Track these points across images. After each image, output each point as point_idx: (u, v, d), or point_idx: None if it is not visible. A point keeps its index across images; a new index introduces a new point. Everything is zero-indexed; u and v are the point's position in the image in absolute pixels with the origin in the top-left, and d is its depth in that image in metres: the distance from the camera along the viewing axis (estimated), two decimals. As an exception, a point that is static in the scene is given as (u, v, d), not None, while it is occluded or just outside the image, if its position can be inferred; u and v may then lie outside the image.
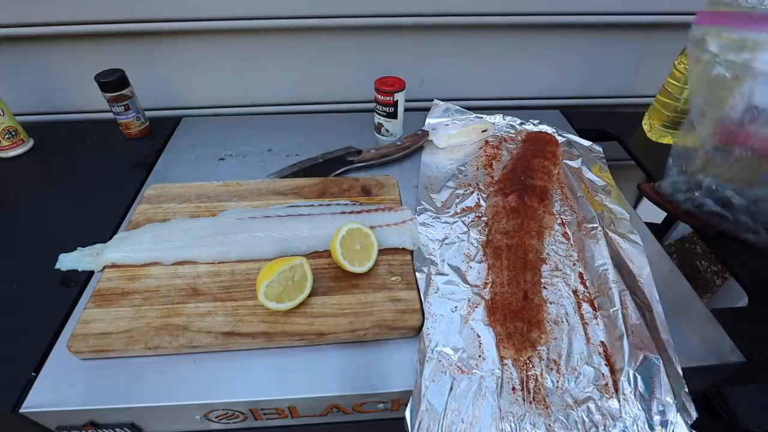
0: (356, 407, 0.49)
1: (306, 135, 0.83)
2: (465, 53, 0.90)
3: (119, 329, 0.48)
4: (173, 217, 0.62)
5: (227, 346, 0.48)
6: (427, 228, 0.62)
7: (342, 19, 0.81)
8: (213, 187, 0.68)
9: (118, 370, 0.47)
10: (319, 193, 0.67)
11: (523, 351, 0.48)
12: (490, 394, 0.44)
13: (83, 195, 0.69)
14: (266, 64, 0.88)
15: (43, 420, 0.46)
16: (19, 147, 0.77)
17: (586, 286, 0.55)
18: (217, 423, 0.49)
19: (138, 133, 0.82)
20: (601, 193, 0.68)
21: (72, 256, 0.57)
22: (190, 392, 0.46)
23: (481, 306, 0.52)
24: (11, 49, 0.81)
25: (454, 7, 0.82)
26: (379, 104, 0.77)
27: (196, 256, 0.56)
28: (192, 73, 0.88)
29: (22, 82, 0.86)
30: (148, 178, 0.73)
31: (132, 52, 0.83)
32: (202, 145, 0.80)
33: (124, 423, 0.47)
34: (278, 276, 0.50)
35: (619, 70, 0.96)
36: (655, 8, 0.85)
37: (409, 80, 0.76)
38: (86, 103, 0.89)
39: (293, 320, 0.50)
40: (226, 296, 0.52)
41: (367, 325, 0.50)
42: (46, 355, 0.48)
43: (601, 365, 0.47)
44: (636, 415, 0.43)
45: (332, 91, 0.94)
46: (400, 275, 0.55)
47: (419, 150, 0.78)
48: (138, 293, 0.52)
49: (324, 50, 0.86)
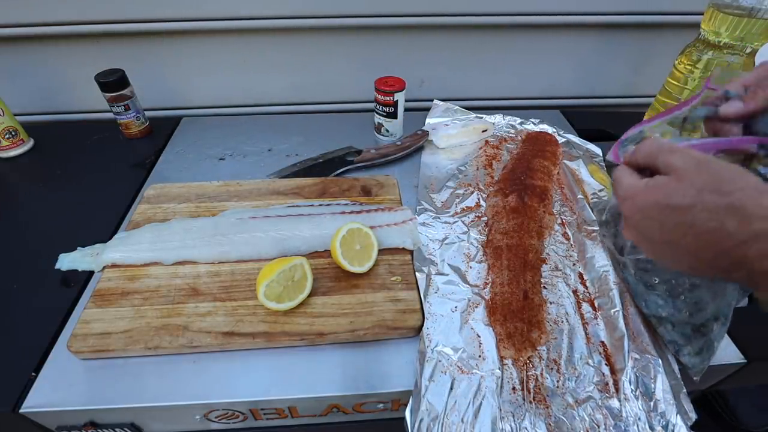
0: (356, 407, 0.49)
1: (306, 135, 0.83)
2: (465, 53, 0.90)
3: (119, 329, 0.48)
4: (173, 217, 0.62)
5: (227, 346, 0.48)
6: (427, 228, 0.62)
7: (342, 19, 0.81)
8: (213, 187, 0.68)
9: (118, 370, 0.47)
10: (319, 193, 0.67)
11: (523, 351, 0.48)
12: (490, 394, 0.44)
13: (83, 195, 0.69)
14: (266, 64, 0.88)
15: (43, 420, 0.46)
16: (19, 147, 0.77)
17: (586, 286, 0.55)
18: (217, 423, 0.49)
19: (138, 133, 0.82)
20: (598, 194, 0.68)
21: (72, 256, 0.57)
22: (190, 392, 0.46)
23: (481, 306, 0.52)
24: (11, 49, 0.81)
25: (455, 8, 0.82)
26: (379, 104, 0.77)
27: (196, 256, 0.56)
28: (192, 73, 0.88)
29: (22, 82, 0.86)
30: (148, 178, 0.73)
31: (132, 52, 0.83)
32: (202, 145, 0.80)
33: (124, 423, 0.47)
34: (278, 276, 0.50)
35: (619, 70, 0.96)
36: (655, 8, 0.85)
37: (409, 80, 0.76)
38: (86, 103, 0.89)
39: (293, 320, 0.50)
40: (226, 296, 0.52)
41: (367, 325, 0.50)
42: (46, 355, 0.48)
43: (601, 365, 0.47)
44: (636, 415, 0.43)
45: (332, 91, 0.94)
46: (400, 275, 0.55)
47: (419, 150, 0.78)
48: (138, 293, 0.52)
49: (324, 50, 0.86)
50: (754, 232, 0.30)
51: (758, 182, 0.31)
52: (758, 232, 0.30)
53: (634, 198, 0.36)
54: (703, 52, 0.65)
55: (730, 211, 0.31)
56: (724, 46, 0.62)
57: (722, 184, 0.31)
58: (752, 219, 0.30)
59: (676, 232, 0.33)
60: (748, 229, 0.30)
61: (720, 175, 0.32)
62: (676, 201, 0.33)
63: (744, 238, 0.30)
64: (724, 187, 0.31)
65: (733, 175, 0.32)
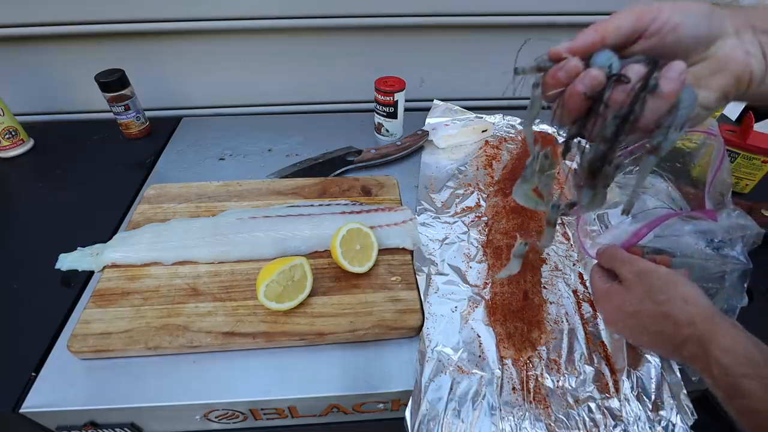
0: (356, 407, 0.49)
1: (306, 135, 0.83)
2: (465, 53, 0.90)
3: (119, 329, 0.48)
4: (173, 217, 0.62)
5: (227, 346, 0.48)
6: (427, 228, 0.62)
7: (342, 19, 0.81)
8: (213, 187, 0.68)
9: (118, 370, 0.47)
10: (319, 193, 0.67)
11: (523, 351, 0.48)
12: (490, 394, 0.44)
13: (83, 195, 0.69)
14: (266, 64, 0.88)
15: (43, 420, 0.46)
16: (19, 147, 0.77)
17: (586, 286, 0.55)
18: (217, 423, 0.49)
19: (138, 133, 0.82)
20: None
21: (72, 256, 0.57)
22: (190, 392, 0.46)
23: (481, 306, 0.52)
24: (11, 49, 0.81)
25: (455, 7, 0.82)
26: (379, 104, 0.77)
27: (196, 256, 0.56)
28: (192, 73, 0.88)
29: (22, 82, 0.86)
30: (148, 178, 0.73)
31: (132, 52, 0.83)
32: (202, 145, 0.80)
33: (124, 423, 0.47)
34: (278, 276, 0.50)
35: (619, 70, 0.95)
36: (655, 8, 0.85)
37: (409, 80, 0.76)
38: (86, 103, 0.89)
39: (293, 320, 0.50)
40: (226, 296, 0.52)
41: (367, 325, 0.50)
42: (46, 355, 0.48)
43: (601, 365, 0.47)
44: (637, 415, 0.43)
45: (332, 91, 0.94)
46: (400, 275, 0.55)
47: (419, 150, 0.78)
48: (138, 293, 0.52)
49: (324, 50, 0.86)
50: (684, 336, 0.34)
51: (684, 291, 0.36)
52: (687, 336, 0.34)
53: (601, 301, 0.43)
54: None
55: (665, 317, 0.36)
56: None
57: (656, 294, 0.37)
58: (680, 325, 0.34)
59: (635, 330, 0.39)
60: (681, 333, 0.34)
61: (653, 285, 0.37)
62: (627, 309, 0.39)
63: (678, 342, 0.35)
64: (657, 297, 0.36)
65: (664, 284, 0.37)
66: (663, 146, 0.31)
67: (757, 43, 0.31)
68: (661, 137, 0.30)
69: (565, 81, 0.30)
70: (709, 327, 0.33)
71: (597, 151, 0.32)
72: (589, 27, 0.31)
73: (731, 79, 0.31)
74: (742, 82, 0.31)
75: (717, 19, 0.31)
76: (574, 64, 0.30)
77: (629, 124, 0.30)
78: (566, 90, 0.30)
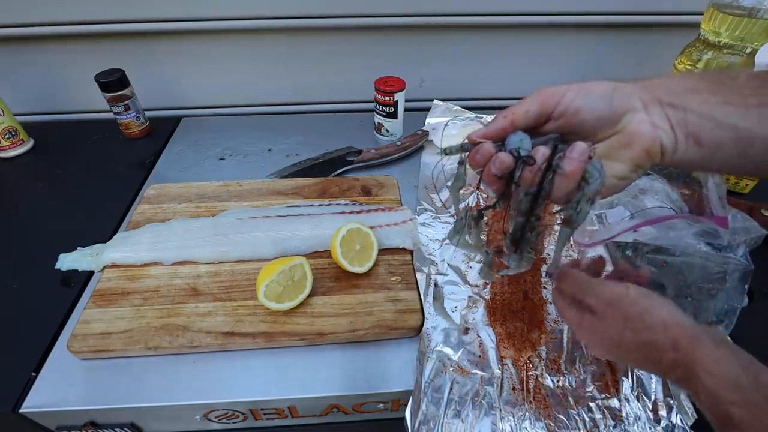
0: (356, 407, 0.49)
1: (306, 135, 0.83)
2: (465, 53, 0.90)
3: (119, 329, 0.48)
4: (173, 217, 0.62)
5: (227, 346, 0.48)
6: (427, 228, 0.62)
7: (342, 19, 0.81)
8: (213, 187, 0.68)
9: (118, 370, 0.47)
10: (319, 193, 0.67)
11: (523, 351, 0.48)
12: (490, 394, 0.44)
13: (83, 195, 0.69)
14: (266, 64, 0.88)
15: (43, 420, 0.46)
16: (19, 147, 0.77)
17: (586, 286, 0.55)
18: (217, 423, 0.49)
19: (138, 133, 0.82)
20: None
21: (72, 256, 0.57)
22: (190, 392, 0.46)
23: (481, 306, 0.52)
24: (11, 49, 0.81)
25: (455, 7, 0.82)
26: (379, 104, 0.77)
27: (196, 256, 0.56)
28: (192, 73, 0.88)
29: (22, 82, 0.86)
30: (148, 178, 0.73)
31: (132, 52, 0.83)
32: (202, 145, 0.80)
33: (124, 423, 0.47)
34: (278, 276, 0.50)
35: (619, 69, 0.95)
36: (655, 8, 0.85)
37: (409, 80, 0.76)
38: (86, 103, 0.89)
39: (293, 320, 0.50)
40: (226, 296, 0.52)
41: (367, 325, 0.50)
42: (46, 355, 0.48)
43: (601, 365, 0.47)
44: (637, 415, 0.43)
45: (332, 91, 0.94)
46: (400, 275, 0.55)
47: (419, 150, 0.78)
48: (138, 293, 0.52)
49: (324, 50, 0.86)
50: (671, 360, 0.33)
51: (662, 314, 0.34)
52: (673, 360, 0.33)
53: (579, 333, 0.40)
54: (703, 52, 0.65)
55: (648, 345, 0.34)
56: (724, 46, 0.62)
57: (634, 323, 0.35)
58: (665, 351, 0.33)
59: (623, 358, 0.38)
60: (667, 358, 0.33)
61: (629, 313, 0.35)
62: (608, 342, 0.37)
63: (666, 367, 0.33)
64: (636, 326, 0.35)
65: (640, 311, 0.35)
66: (575, 219, 0.33)
67: (664, 116, 0.32)
68: (572, 211, 0.33)
69: (482, 163, 0.34)
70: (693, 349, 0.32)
71: (516, 223, 0.36)
72: (501, 112, 0.34)
73: (641, 152, 0.32)
74: (653, 154, 0.32)
75: (621, 97, 0.32)
76: (487, 149, 0.34)
77: (541, 199, 0.33)
78: (483, 170, 0.34)
